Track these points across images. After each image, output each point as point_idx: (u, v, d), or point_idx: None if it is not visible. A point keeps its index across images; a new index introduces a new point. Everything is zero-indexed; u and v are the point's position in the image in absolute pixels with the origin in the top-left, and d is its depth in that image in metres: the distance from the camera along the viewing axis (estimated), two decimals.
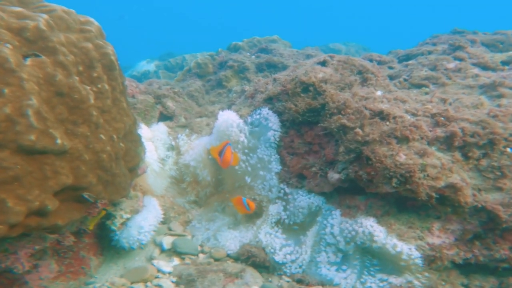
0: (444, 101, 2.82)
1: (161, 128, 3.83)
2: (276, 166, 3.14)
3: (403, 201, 2.68)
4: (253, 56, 5.81)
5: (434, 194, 2.40)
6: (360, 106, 2.62)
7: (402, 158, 2.43)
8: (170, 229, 3.44)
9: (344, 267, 2.69)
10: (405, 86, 3.60)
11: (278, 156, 3.18)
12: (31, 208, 1.74)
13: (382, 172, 2.45)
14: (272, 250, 2.93)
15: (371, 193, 2.72)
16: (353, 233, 2.59)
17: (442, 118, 2.59)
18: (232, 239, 3.22)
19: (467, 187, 2.38)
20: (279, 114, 3.22)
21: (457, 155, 2.50)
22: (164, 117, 4.15)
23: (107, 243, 3.08)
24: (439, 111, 2.64)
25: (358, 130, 2.49)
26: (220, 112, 3.43)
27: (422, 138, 2.55)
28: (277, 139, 3.18)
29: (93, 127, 2.15)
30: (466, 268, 2.58)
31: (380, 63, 4.57)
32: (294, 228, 3.06)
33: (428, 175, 2.41)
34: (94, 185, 2.10)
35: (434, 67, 3.65)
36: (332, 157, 2.79)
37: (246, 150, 3.22)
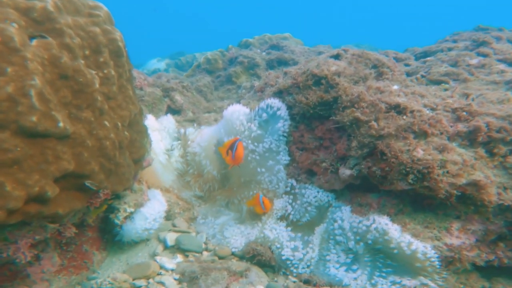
0: (466, 96, 2.69)
1: (169, 119, 3.75)
2: (284, 158, 3.03)
3: (419, 199, 2.55)
4: (264, 53, 5.72)
5: (455, 192, 2.27)
6: (375, 99, 2.50)
7: (419, 153, 2.31)
8: (174, 225, 3.34)
9: (354, 267, 2.57)
10: (423, 83, 3.47)
11: (287, 148, 3.07)
12: (30, 193, 1.66)
13: (397, 168, 2.33)
14: (278, 246, 2.82)
15: (385, 191, 2.60)
16: (364, 230, 2.46)
17: (465, 113, 2.46)
18: (238, 235, 3.11)
19: (492, 185, 2.25)
20: (289, 108, 3.11)
21: (481, 151, 2.37)
22: (172, 110, 4.08)
23: (111, 238, 3.00)
24: (461, 105, 2.51)
25: (373, 123, 2.38)
26: (230, 106, 3.35)
27: (442, 133, 2.42)
28: (286, 129, 3.07)
29: (97, 113, 2.07)
30: (487, 271, 2.44)
31: (395, 60, 4.44)
32: (300, 224, 2.95)
33: (448, 172, 2.29)
34: (96, 173, 2.02)
35: (455, 63, 3.52)
36: (343, 152, 2.67)
37: (254, 141, 3.12)
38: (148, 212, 2.93)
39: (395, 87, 2.75)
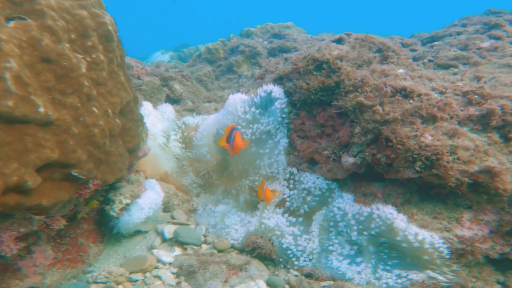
0: (478, 79, 2.53)
1: (168, 108, 3.64)
2: (283, 140, 2.91)
3: (427, 189, 2.41)
4: (266, 42, 5.56)
5: (466, 180, 2.12)
6: (380, 83, 2.35)
7: (428, 139, 2.16)
8: (173, 217, 3.24)
9: (358, 259, 2.44)
10: (430, 67, 3.30)
11: (286, 131, 2.96)
12: (7, 183, 1.55)
13: (404, 155, 2.18)
14: (278, 233, 2.71)
15: (390, 180, 2.46)
16: (368, 220, 2.33)
17: (476, 96, 2.30)
18: (238, 224, 3.01)
19: (507, 171, 2.09)
20: (289, 95, 2.97)
21: (495, 136, 2.21)
22: (171, 100, 3.96)
23: (108, 231, 2.91)
24: (472, 88, 2.35)
25: (377, 107, 2.23)
26: (230, 95, 3.25)
27: (452, 118, 2.27)
28: (285, 110, 2.97)
29: (84, 99, 1.96)
30: (502, 264, 2.30)
31: (402, 45, 4.26)
32: (299, 214, 2.83)
33: (458, 158, 2.14)
34: (83, 162, 1.91)
35: (464, 47, 3.33)
36: (346, 139, 2.53)
37: (252, 126, 3.02)
38: (144, 202, 2.83)
39: (401, 70, 2.59)
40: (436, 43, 3.83)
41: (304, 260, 2.68)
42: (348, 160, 2.44)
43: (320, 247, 2.62)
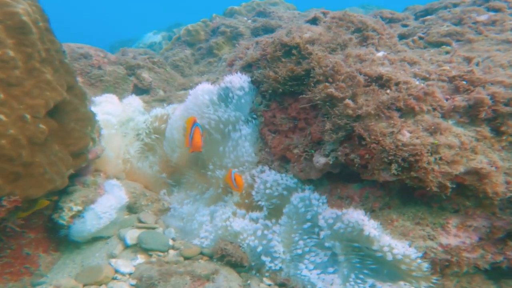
0: (468, 60, 2.18)
1: (134, 100, 3.34)
2: (245, 128, 2.63)
3: (410, 190, 2.12)
4: (249, 21, 5.17)
5: (448, 184, 1.83)
6: (353, 70, 2.02)
7: (405, 136, 1.86)
8: (140, 220, 3.00)
9: (330, 269, 2.20)
10: (420, 46, 2.93)
11: (251, 125, 2.68)
12: None
13: (379, 156, 1.88)
14: (245, 236, 2.47)
15: (368, 181, 2.17)
16: (339, 226, 2.06)
17: (464, 82, 1.97)
18: (208, 226, 2.77)
19: (498, 172, 1.79)
20: (259, 84, 2.65)
21: (484, 130, 1.89)
22: (139, 90, 3.66)
23: (64, 237, 2.68)
24: (460, 73, 2.01)
25: (348, 101, 1.91)
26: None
27: (434, 109, 1.95)
28: (250, 102, 2.69)
29: None
30: (495, 272, 2.03)
31: (392, 20, 3.86)
32: (266, 214, 2.58)
33: (441, 158, 1.83)
34: None
35: (459, 21, 2.95)
36: (319, 136, 2.23)
37: (216, 117, 2.75)
38: (101, 210, 2.58)
39: (380, 53, 2.25)
40: (428, 17, 3.44)
41: (275, 266, 2.45)
42: (320, 160, 2.15)
43: (291, 254, 2.37)
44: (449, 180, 1.83)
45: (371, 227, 1.91)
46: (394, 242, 1.89)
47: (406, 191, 2.13)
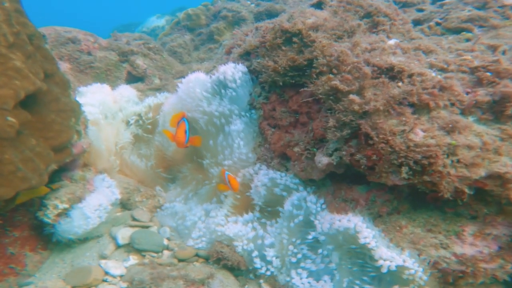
0: (494, 48, 1.94)
1: (127, 89, 3.15)
2: (239, 123, 2.44)
3: (422, 193, 1.92)
4: (253, 5, 4.90)
5: (466, 190, 1.63)
6: (360, 61, 1.80)
7: (418, 136, 1.65)
8: (133, 217, 2.86)
9: (326, 277, 2.04)
10: (437, 32, 2.67)
11: (247, 120, 2.48)
12: None
13: (387, 157, 1.68)
14: (242, 241, 2.32)
15: (375, 183, 1.97)
16: (336, 233, 1.88)
17: (489, 74, 1.74)
18: (204, 226, 2.62)
19: None
20: (258, 74, 2.44)
21: (511, 128, 1.68)
22: (134, 78, 3.46)
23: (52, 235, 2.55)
24: (484, 63, 1.78)
25: (352, 96, 1.70)
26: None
27: (452, 105, 1.73)
28: (242, 88, 2.52)
29: None
30: None
31: (406, 4, 3.56)
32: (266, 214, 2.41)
33: (459, 161, 1.63)
34: None
35: (483, 5, 2.67)
36: (321, 132, 2.03)
37: (209, 109, 2.57)
38: (90, 209, 2.42)
39: (391, 41, 2.02)
40: (447, 0, 3.15)
41: (267, 271, 2.31)
42: (322, 160, 1.95)
43: (282, 259, 2.22)
44: (467, 185, 1.63)
45: (367, 235, 1.73)
46: (391, 255, 1.71)
47: (418, 194, 1.93)
